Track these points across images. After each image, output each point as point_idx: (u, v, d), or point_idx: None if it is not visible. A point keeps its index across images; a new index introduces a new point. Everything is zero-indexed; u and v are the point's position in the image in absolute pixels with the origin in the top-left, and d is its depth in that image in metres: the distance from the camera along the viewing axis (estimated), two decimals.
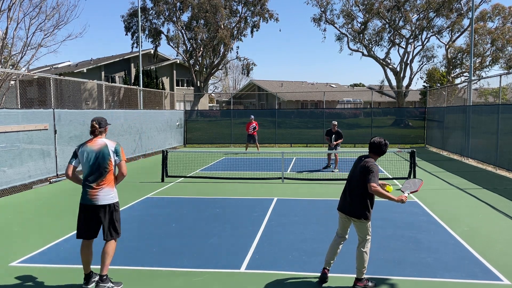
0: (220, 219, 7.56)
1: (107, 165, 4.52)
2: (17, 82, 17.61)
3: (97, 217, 4.52)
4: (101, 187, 4.49)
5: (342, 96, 48.48)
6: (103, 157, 4.51)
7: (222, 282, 4.83)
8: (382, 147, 4.67)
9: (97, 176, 4.50)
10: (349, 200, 4.64)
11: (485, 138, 14.18)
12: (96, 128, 4.62)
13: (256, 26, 32.99)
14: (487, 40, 31.86)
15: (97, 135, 4.64)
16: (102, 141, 4.58)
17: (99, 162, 4.51)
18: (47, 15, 19.54)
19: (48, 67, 40.26)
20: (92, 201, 4.47)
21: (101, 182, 4.50)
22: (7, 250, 5.96)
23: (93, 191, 4.48)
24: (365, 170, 4.52)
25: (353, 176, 4.68)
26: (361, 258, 4.63)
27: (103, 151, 4.52)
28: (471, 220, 7.38)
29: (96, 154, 4.51)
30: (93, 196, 4.47)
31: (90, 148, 4.54)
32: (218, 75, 53.06)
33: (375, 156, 4.71)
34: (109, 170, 4.53)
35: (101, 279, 4.50)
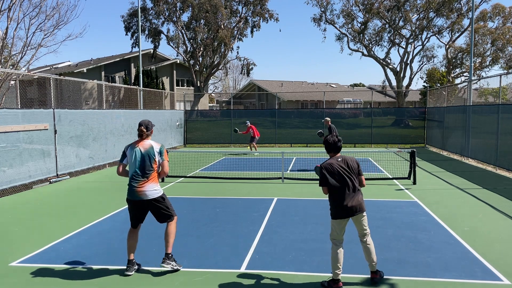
0: (220, 219, 7.56)
1: (152, 164, 4.99)
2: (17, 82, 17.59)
3: (145, 210, 5.06)
4: (146, 184, 4.94)
5: (342, 96, 48.47)
6: (149, 158, 4.98)
7: (222, 282, 4.83)
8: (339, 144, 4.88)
9: (143, 174, 4.96)
10: (357, 198, 4.68)
11: (485, 138, 14.17)
12: (144, 132, 5.06)
13: (256, 26, 33.01)
14: (487, 40, 31.85)
15: (144, 138, 5.09)
16: (149, 143, 5.05)
17: (145, 162, 4.97)
18: (47, 15, 19.52)
19: (48, 67, 40.25)
20: (140, 197, 4.93)
21: (146, 180, 4.95)
22: (7, 250, 5.96)
23: (140, 188, 4.93)
24: (358, 165, 4.83)
25: (351, 175, 4.70)
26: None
27: (149, 152, 4.99)
28: (471, 220, 7.38)
29: (143, 155, 4.98)
30: (140, 193, 4.92)
31: (138, 149, 5.00)
32: (218, 75, 53.14)
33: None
34: (153, 169, 5.00)
35: (167, 257, 5.02)
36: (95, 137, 13.89)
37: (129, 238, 5.12)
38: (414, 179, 10.80)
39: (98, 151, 14.07)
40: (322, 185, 4.77)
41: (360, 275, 4.97)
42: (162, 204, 5.04)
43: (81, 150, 13.13)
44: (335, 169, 4.68)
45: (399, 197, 9.36)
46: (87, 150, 13.46)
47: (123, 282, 4.85)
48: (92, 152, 13.73)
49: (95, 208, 8.49)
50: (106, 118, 14.73)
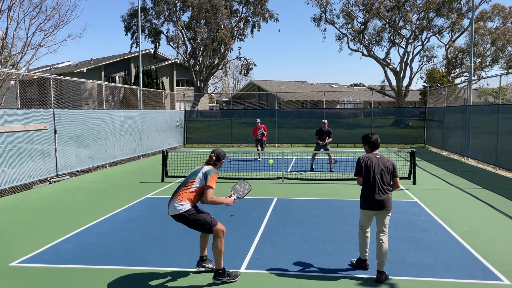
0: (220, 219, 7.54)
1: (188, 181, 4.89)
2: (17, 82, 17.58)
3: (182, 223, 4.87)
4: (172, 199, 4.84)
5: (342, 96, 48.47)
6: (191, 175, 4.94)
7: (222, 282, 4.82)
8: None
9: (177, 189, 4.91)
10: (387, 195, 4.90)
11: (485, 138, 14.17)
12: (213, 160, 5.06)
13: (256, 26, 33.01)
14: (487, 40, 31.86)
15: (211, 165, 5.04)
16: (207, 167, 5.00)
17: (187, 179, 4.96)
18: (47, 15, 19.52)
19: (48, 67, 40.25)
20: (169, 211, 4.86)
21: (175, 196, 4.84)
22: (7, 250, 5.96)
23: (170, 202, 4.87)
24: (394, 166, 4.99)
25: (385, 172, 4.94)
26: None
27: (195, 172, 4.95)
28: (471, 220, 7.38)
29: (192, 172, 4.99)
30: (169, 207, 4.86)
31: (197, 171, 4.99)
32: (218, 75, 53.14)
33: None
34: (187, 186, 4.84)
35: (216, 274, 4.84)
36: (95, 137, 13.89)
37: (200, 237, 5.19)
38: (414, 179, 10.80)
39: (98, 151, 14.07)
40: (357, 175, 5.05)
41: (360, 275, 4.97)
42: (189, 221, 4.78)
43: (81, 150, 13.13)
44: (372, 163, 4.96)
45: (399, 197, 9.35)
46: (87, 150, 13.46)
47: (123, 282, 4.85)
48: (92, 152, 13.73)
49: (95, 208, 8.49)
50: (106, 118, 14.73)
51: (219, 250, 4.79)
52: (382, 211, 4.88)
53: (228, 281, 4.78)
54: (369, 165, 4.95)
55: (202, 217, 4.82)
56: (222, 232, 4.84)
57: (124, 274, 5.09)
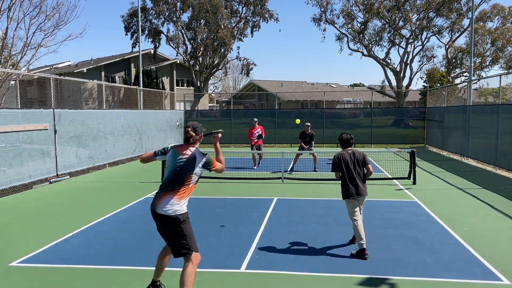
0: (220, 219, 7.56)
1: (185, 176, 4.12)
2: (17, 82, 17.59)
3: (162, 227, 4.13)
4: (167, 195, 4.09)
5: (342, 96, 48.46)
6: (186, 170, 4.12)
7: (222, 282, 4.83)
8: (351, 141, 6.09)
9: (169, 184, 4.14)
10: (361, 184, 5.74)
11: (485, 138, 14.17)
12: (192, 136, 4.23)
13: (256, 26, 33.00)
14: (487, 40, 31.85)
15: (191, 143, 4.26)
16: (192, 152, 4.18)
17: (179, 171, 4.13)
18: (47, 15, 19.54)
19: (48, 67, 40.25)
20: (155, 207, 4.10)
21: (170, 191, 4.09)
22: (7, 250, 5.96)
23: (159, 198, 4.11)
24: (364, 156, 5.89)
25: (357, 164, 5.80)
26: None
27: (188, 162, 4.12)
28: (471, 220, 7.38)
29: (179, 162, 4.14)
30: (157, 204, 4.09)
31: (179, 154, 4.18)
32: (218, 75, 53.12)
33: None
34: (183, 184, 4.11)
35: None
36: (95, 137, 13.89)
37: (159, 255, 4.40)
38: (414, 179, 10.80)
39: (98, 151, 14.07)
40: (334, 170, 5.87)
41: (360, 275, 4.97)
42: (177, 228, 4.03)
43: (81, 150, 13.13)
44: (345, 158, 5.82)
45: (399, 197, 9.36)
46: (87, 150, 13.46)
47: (123, 282, 4.85)
48: (92, 152, 13.73)
49: (95, 208, 8.49)
50: (106, 118, 14.73)
51: (192, 280, 3.95)
52: (361, 197, 5.72)
53: None
54: (343, 160, 5.80)
55: (191, 232, 4.13)
56: (198, 261, 4.11)
57: (124, 274, 5.09)
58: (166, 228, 4.07)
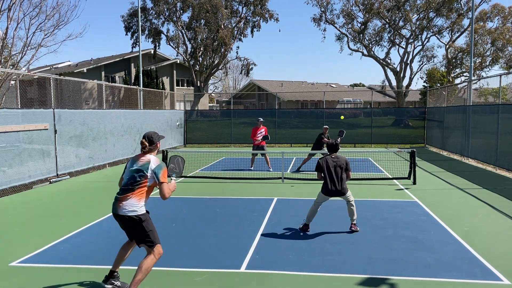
0: (220, 219, 7.56)
1: (140, 180, 4.40)
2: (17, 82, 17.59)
3: (123, 226, 4.48)
4: (125, 199, 4.37)
5: (342, 96, 48.47)
6: (140, 173, 4.40)
7: (222, 282, 4.83)
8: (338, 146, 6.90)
9: (125, 189, 4.42)
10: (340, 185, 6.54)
11: (485, 138, 14.17)
12: (145, 146, 4.53)
13: (256, 26, 33.01)
14: (487, 40, 31.85)
15: (146, 152, 4.54)
16: (147, 158, 4.47)
17: (133, 177, 4.42)
18: (47, 15, 19.56)
19: (48, 67, 40.25)
20: (117, 210, 4.41)
21: (128, 195, 4.37)
22: (7, 250, 5.96)
23: (119, 201, 4.40)
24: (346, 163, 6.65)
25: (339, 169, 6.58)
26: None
27: (143, 168, 4.41)
28: (471, 220, 7.38)
29: (134, 168, 4.44)
30: (118, 207, 4.40)
31: (137, 162, 4.49)
32: (218, 75, 53.11)
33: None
34: (139, 185, 4.39)
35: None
36: (95, 137, 13.89)
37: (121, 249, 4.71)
38: (414, 179, 10.80)
39: (98, 151, 14.07)
40: (317, 170, 6.74)
41: (361, 275, 4.97)
42: (137, 226, 4.37)
43: (81, 150, 13.13)
44: (328, 163, 6.62)
45: (399, 197, 9.36)
46: (87, 150, 13.46)
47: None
48: (92, 152, 13.73)
49: (95, 208, 8.49)
50: (106, 118, 14.73)
51: (149, 271, 4.32)
52: (341, 197, 6.60)
53: None
54: (325, 164, 6.60)
55: (152, 228, 4.45)
56: (160, 254, 4.44)
57: (124, 274, 5.08)
58: (129, 227, 4.42)
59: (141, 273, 4.27)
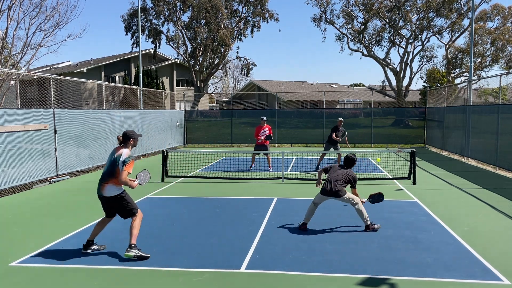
0: (220, 219, 7.56)
1: (115, 170, 5.53)
2: (17, 82, 17.59)
3: (106, 204, 5.70)
4: (107, 184, 5.56)
5: (342, 96, 48.47)
6: (115, 162, 5.54)
7: (222, 282, 4.83)
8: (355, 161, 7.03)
9: (107, 175, 5.59)
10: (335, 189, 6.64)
11: (485, 138, 14.17)
12: (119, 140, 5.72)
13: (256, 26, 33.00)
14: (487, 40, 31.84)
15: (122, 146, 5.69)
16: (121, 151, 5.60)
17: (111, 166, 5.59)
18: (47, 15, 19.51)
19: (48, 67, 40.25)
20: (101, 192, 5.61)
21: (107, 181, 5.56)
22: (7, 250, 5.96)
23: (102, 185, 5.59)
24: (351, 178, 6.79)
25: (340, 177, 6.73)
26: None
27: (117, 159, 5.53)
28: (471, 220, 7.38)
29: (111, 159, 5.61)
30: (101, 190, 5.60)
31: (114, 153, 5.67)
32: (218, 75, 53.12)
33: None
34: (116, 174, 5.52)
35: (130, 247, 5.52)
36: (95, 137, 13.89)
37: (97, 224, 5.86)
38: (414, 179, 10.80)
39: (98, 151, 14.07)
40: (319, 170, 7.19)
41: (360, 275, 4.97)
42: (119, 202, 5.59)
43: (81, 150, 13.13)
44: (335, 167, 6.93)
45: (399, 197, 9.36)
46: (87, 150, 13.46)
47: (123, 282, 4.85)
48: (92, 152, 13.73)
49: (95, 208, 8.47)
50: (106, 118, 14.73)
51: (138, 228, 5.62)
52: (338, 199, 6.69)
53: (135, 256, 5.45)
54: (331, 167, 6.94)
55: (130, 200, 5.70)
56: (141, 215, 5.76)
57: (124, 274, 5.09)
58: (113, 205, 5.65)
59: (135, 228, 5.59)
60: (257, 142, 13.38)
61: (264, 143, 13.27)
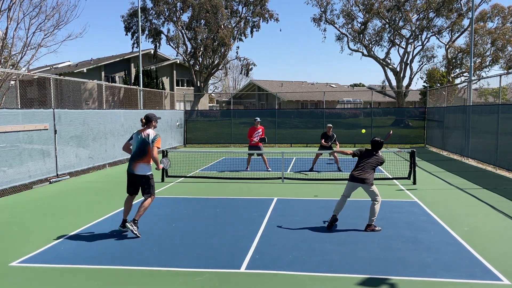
0: (220, 219, 7.56)
1: (146, 148, 6.38)
2: (17, 82, 17.58)
3: (135, 182, 6.50)
4: (139, 163, 6.39)
5: (342, 96, 48.47)
6: (144, 143, 6.39)
7: (222, 282, 4.83)
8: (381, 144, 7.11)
9: (138, 154, 6.40)
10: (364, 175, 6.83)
11: (485, 138, 14.17)
12: (142, 122, 6.61)
13: (256, 26, 33.00)
14: (487, 40, 31.84)
15: (145, 128, 6.56)
16: (147, 131, 6.48)
17: (141, 145, 6.39)
18: (47, 15, 19.49)
19: (48, 67, 40.24)
20: (133, 171, 6.43)
21: (140, 159, 6.39)
22: (7, 250, 5.96)
23: (134, 164, 6.41)
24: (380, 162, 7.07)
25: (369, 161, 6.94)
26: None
27: (145, 139, 6.40)
28: (471, 220, 7.38)
29: (140, 139, 6.44)
30: (133, 168, 6.42)
31: (140, 135, 6.48)
32: (218, 75, 53.11)
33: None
34: (147, 152, 6.37)
35: (133, 221, 6.38)
36: (95, 137, 13.89)
37: (125, 203, 6.64)
38: (414, 179, 10.80)
39: (98, 151, 14.07)
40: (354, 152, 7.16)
41: (360, 275, 4.97)
42: (147, 181, 6.43)
43: (81, 150, 13.13)
44: (365, 153, 7.04)
45: (399, 197, 9.36)
46: (87, 150, 13.46)
47: (123, 282, 4.85)
48: (92, 152, 13.72)
49: (95, 208, 8.49)
50: (106, 118, 14.73)
51: (147, 207, 6.49)
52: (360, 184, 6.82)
53: (132, 231, 6.31)
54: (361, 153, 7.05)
55: (153, 184, 6.59)
56: (153, 199, 6.64)
57: (124, 274, 5.09)
58: (141, 182, 6.48)
59: (143, 208, 6.43)
60: (250, 143, 13.44)
61: (257, 144, 13.29)
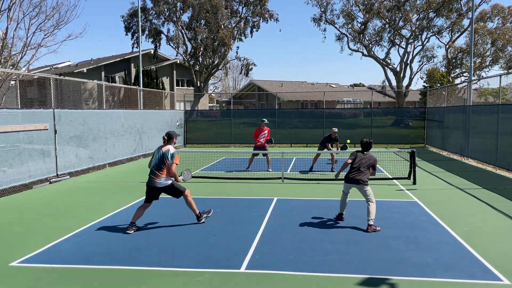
0: (220, 219, 7.56)
1: (164, 162, 6.73)
2: (17, 82, 17.59)
3: (153, 194, 6.90)
4: (159, 176, 6.74)
5: (342, 96, 48.47)
6: (164, 158, 6.74)
7: (222, 282, 4.83)
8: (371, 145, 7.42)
9: (157, 168, 6.74)
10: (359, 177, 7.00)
11: (485, 138, 14.17)
12: (164, 139, 6.96)
13: (256, 26, 32.99)
14: (487, 40, 31.84)
15: (166, 144, 6.91)
16: (167, 147, 6.85)
17: (160, 160, 6.75)
18: (47, 15, 19.50)
19: (48, 67, 40.24)
20: (154, 184, 6.78)
21: (160, 173, 6.73)
22: (7, 250, 5.96)
23: (155, 178, 6.75)
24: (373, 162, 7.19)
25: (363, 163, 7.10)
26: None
27: (165, 154, 6.76)
28: (471, 220, 7.38)
29: (160, 154, 6.80)
30: (154, 182, 6.77)
31: (160, 151, 6.85)
32: (218, 75, 53.12)
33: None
34: (165, 166, 6.72)
35: (197, 218, 7.18)
36: (95, 137, 13.89)
37: (140, 208, 6.94)
38: (414, 179, 10.80)
39: (98, 151, 14.07)
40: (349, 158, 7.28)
41: (360, 275, 4.97)
42: (171, 189, 6.86)
43: (81, 150, 13.13)
44: (358, 156, 7.22)
45: (399, 197, 9.36)
46: (87, 150, 13.46)
47: (123, 282, 4.85)
48: (92, 152, 13.73)
49: (95, 208, 8.49)
50: (106, 118, 14.73)
51: (192, 202, 7.05)
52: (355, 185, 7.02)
53: (206, 217, 7.25)
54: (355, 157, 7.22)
55: (179, 185, 6.98)
56: (188, 192, 7.02)
57: (124, 274, 5.09)
58: (167, 192, 6.91)
59: (191, 203, 7.08)
60: (256, 144, 13.32)
61: (264, 145, 13.23)
